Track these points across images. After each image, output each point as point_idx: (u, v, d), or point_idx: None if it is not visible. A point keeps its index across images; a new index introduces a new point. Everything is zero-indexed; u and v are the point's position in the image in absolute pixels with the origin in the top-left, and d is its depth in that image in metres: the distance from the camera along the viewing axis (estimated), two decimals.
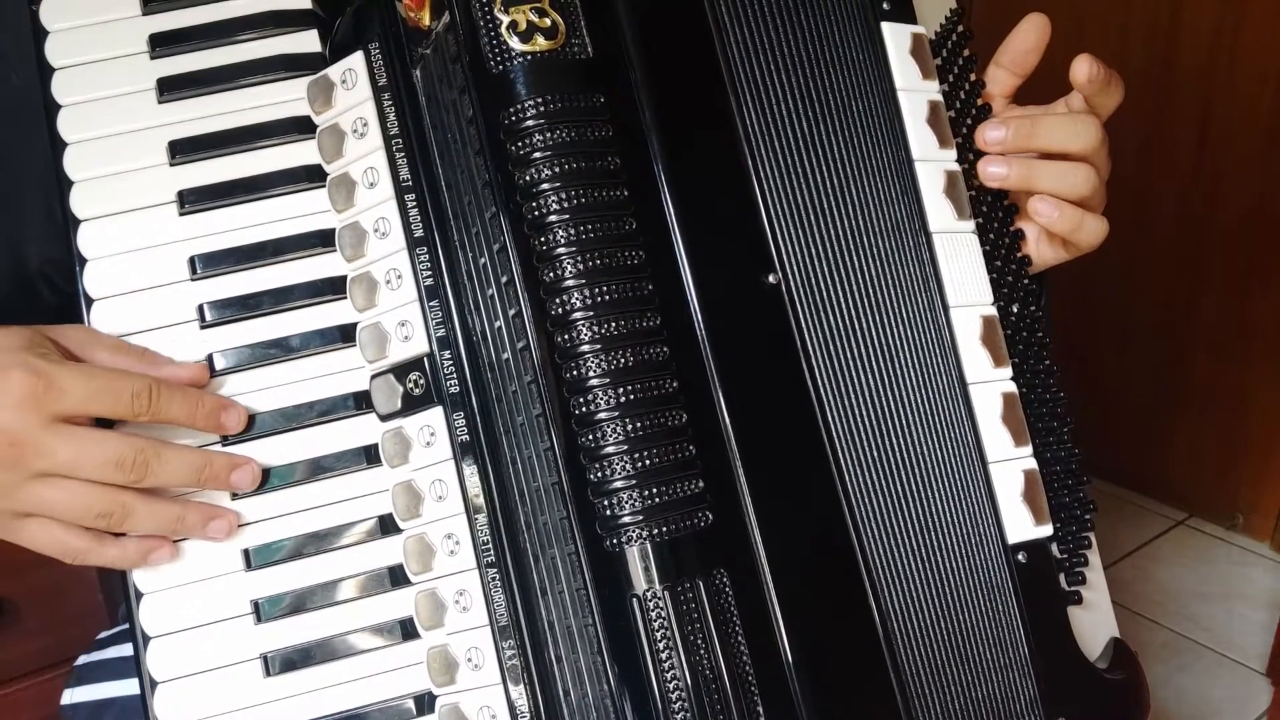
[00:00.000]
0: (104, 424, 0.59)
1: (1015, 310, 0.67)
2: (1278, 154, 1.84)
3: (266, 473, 0.62)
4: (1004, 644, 0.63)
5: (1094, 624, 0.67)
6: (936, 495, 0.62)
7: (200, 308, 0.62)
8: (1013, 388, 0.65)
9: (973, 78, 0.68)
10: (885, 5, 0.66)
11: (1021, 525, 0.64)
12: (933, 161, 0.65)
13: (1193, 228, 1.96)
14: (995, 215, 0.67)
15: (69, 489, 0.57)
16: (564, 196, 0.55)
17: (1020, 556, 0.63)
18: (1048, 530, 0.65)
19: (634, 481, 0.54)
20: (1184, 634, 1.87)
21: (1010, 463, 0.64)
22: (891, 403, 0.62)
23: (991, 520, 0.63)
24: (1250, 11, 1.81)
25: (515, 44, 0.56)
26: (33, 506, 0.57)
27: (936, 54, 0.67)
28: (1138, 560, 2.03)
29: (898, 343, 0.63)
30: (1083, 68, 0.65)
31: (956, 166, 0.66)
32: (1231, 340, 1.98)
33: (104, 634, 0.84)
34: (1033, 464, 0.65)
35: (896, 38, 0.66)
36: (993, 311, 0.65)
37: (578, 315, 0.55)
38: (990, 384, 0.65)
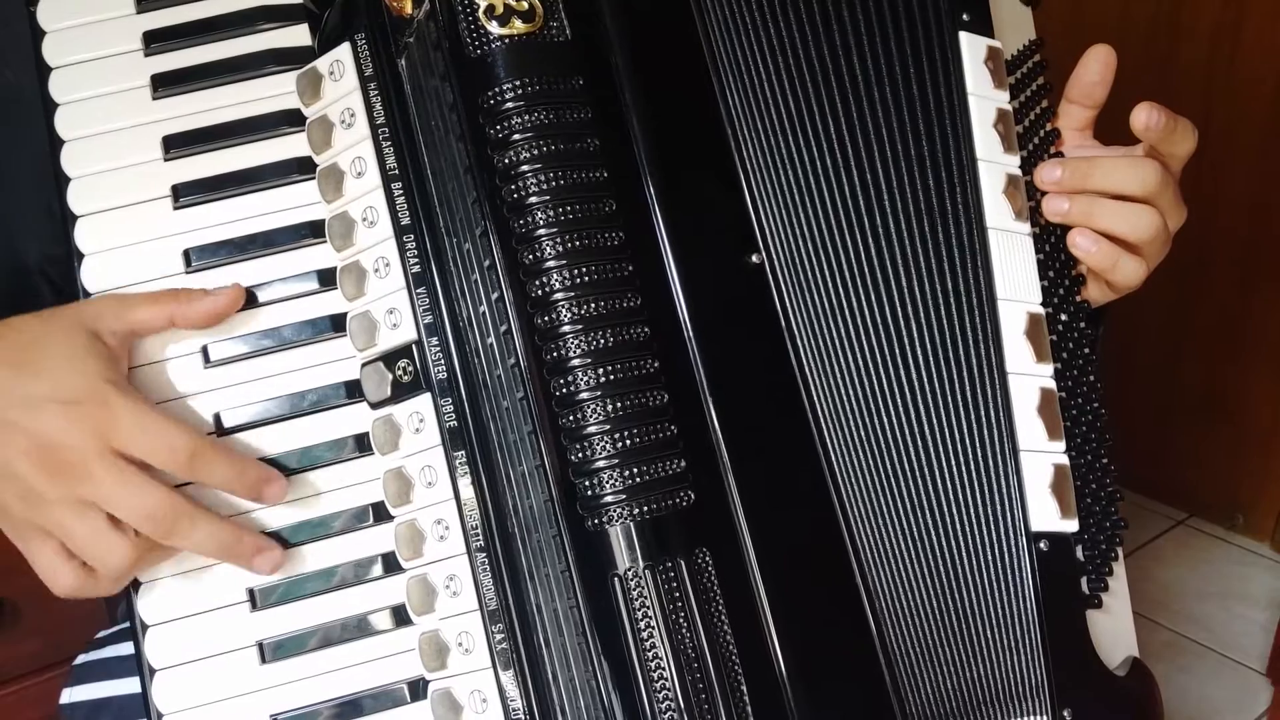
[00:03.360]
0: None
1: (1064, 319, 0.67)
2: (1278, 154, 1.84)
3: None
4: (1013, 627, 0.62)
5: (1113, 638, 0.67)
6: (947, 476, 0.62)
7: None
8: (1052, 385, 0.65)
9: (1044, 104, 0.69)
10: (965, 16, 0.67)
11: (1046, 515, 0.64)
12: (995, 163, 0.66)
13: (1192, 226, 1.94)
14: (1053, 229, 0.68)
15: (93, 525, 0.56)
16: (543, 178, 0.56)
17: (1042, 544, 0.63)
18: (1073, 526, 0.64)
19: (615, 461, 0.55)
20: (1184, 634, 1.86)
21: (1041, 454, 0.64)
22: (892, 382, 0.62)
23: (1017, 504, 0.63)
24: (1250, 11, 1.80)
25: (493, 28, 0.57)
26: (54, 528, 0.56)
27: (1011, 74, 0.68)
28: (1138, 560, 2.01)
29: (914, 325, 0.63)
30: (1140, 116, 0.64)
31: (1019, 172, 0.67)
32: (1232, 340, 1.97)
33: (102, 633, 0.84)
34: (1064, 460, 0.65)
35: (973, 46, 0.67)
36: (1040, 310, 0.66)
37: (558, 296, 0.56)
38: (1030, 377, 0.65)
